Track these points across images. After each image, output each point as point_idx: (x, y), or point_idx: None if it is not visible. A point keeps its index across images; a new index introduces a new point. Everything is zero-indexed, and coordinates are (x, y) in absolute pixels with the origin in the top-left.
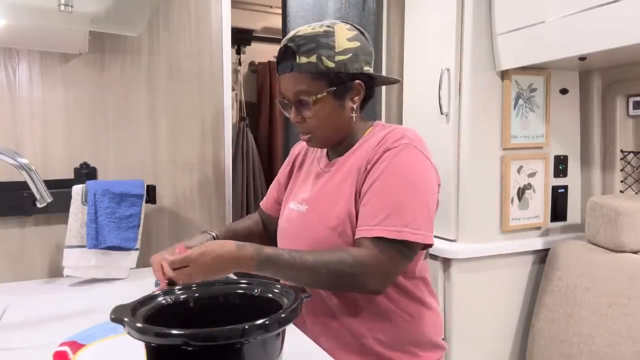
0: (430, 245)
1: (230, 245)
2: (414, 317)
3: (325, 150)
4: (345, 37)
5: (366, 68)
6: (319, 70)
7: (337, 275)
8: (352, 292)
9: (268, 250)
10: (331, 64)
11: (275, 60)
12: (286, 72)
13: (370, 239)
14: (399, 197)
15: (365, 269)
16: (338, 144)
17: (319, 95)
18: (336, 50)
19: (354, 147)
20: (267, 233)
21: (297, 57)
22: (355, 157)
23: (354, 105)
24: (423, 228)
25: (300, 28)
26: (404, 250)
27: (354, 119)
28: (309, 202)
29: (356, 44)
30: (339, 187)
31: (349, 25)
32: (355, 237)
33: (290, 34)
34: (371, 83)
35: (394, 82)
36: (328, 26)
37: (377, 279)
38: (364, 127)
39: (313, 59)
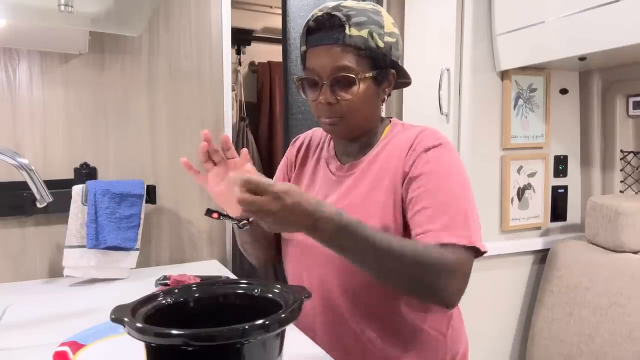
0: (482, 253)
1: (313, 199)
2: (445, 335)
3: (332, 150)
4: (390, 20)
5: (399, 61)
6: (369, 46)
7: (424, 267)
8: (425, 294)
9: (347, 216)
10: (381, 44)
11: (273, 60)
12: (327, 44)
13: (439, 244)
14: (456, 200)
15: (450, 271)
16: (355, 140)
17: (367, 75)
18: (385, 30)
19: (376, 151)
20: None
21: (348, 28)
22: (381, 162)
23: (385, 97)
24: (480, 237)
25: (339, 1)
26: (471, 258)
27: (380, 113)
28: None
29: (397, 31)
30: (369, 197)
31: None
32: None
33: (330, 3)
34: (397, 79)
35: (405, 85)
36: (373, 4)
37: (458, 286)
38: (382, 125)
39: (364, 33)
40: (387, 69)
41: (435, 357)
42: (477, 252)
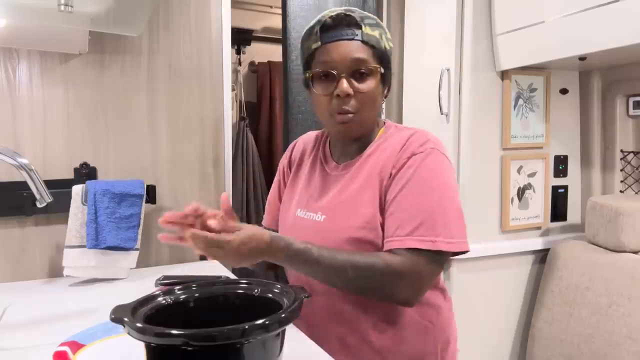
0: (464, 252)
1: (265, 237)
2: (434, 324)
3: (328, 150)
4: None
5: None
6: (380, 46)
7: (367, 280)
8: (379, 299)
9: (298, 245)
10: (388, 46)
11: (273, 60)
12: (345, 39)
13: (402, 249)
14: (429, 204)
15: (398, 277)
16: (357, 140)
17: (380, 70)
18: (388, 36)
19: (369, 151)
20: None
21: (363, 27)
22: (373, 161)
23: (383, 100)
24: (456, 236)
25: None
26: (439, 260)
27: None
28: (326, 211)
29: None
30: (360, 195)
31: None
32: (385, 248)
33: (336, 9)
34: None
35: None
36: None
37: (410, 289)
38: (377, 127)
39: (377, 34)
40: (390, 71)
41: (426, 345)
42: (449, 253)
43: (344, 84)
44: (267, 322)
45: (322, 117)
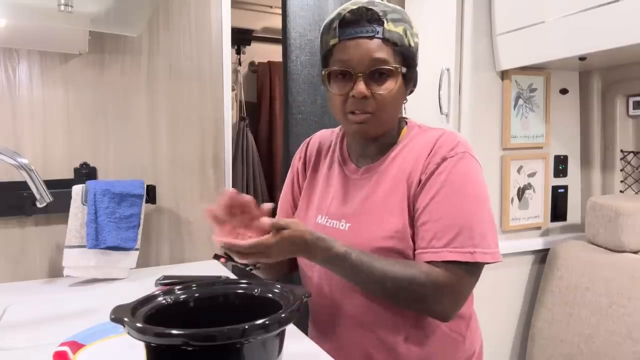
0: (497, 261)
1: (307, 236)
2: (464, 337)
3: (346, 152)
4: (414, 24)
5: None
6: (403, 43)
7: (405, 291)
8: (415, 312)
9: (338, 249)
10: (413, 43)
11: (273, 60)
12: (364, 37)
13: (439, 261)
14: (464, 214)
15: (438, 291)
16: (376, 140)
17: (401, 70)
18: (414, 31)
19: (393, 153)
20: None
21: (385, 23)
22: (398, 165)
23: (407, 98)
24: (492, 245)
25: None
26: (476, 272)
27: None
28: (351, 219)
29: None
30: (387, 202)
31: None
32: (419, 260)
33: (358, 1)
34: None
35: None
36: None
37: (449, 303)
38: (399, 127)
39: (400, 30)
40: (414, 68)
41: (454, 358)
42: (485, 264)
43: (360, 85)
44: (267, 322)
45: (337, 117)
